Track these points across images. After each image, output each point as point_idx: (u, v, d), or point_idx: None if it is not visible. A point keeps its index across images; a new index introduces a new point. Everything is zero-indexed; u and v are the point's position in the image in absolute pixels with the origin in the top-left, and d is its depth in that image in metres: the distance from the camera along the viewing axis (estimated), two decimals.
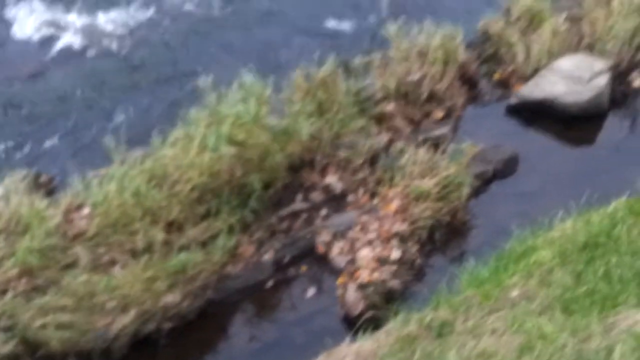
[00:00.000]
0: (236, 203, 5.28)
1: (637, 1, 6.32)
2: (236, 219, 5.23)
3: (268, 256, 5.27)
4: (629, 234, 4.01)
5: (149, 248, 4.99)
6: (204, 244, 5.12)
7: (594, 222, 4.21)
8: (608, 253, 3.95)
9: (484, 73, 6.56)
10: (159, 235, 5.00)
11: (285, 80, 5.78)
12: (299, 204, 5.57)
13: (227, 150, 5.17)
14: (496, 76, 6.52)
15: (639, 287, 3.66)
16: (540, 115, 6.19)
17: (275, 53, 6.90)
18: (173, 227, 5.14)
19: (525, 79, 6.33)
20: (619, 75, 6.36)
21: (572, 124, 6.13)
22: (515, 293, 3.91)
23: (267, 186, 5.40)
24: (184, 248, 5.05)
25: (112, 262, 4.95)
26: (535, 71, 6.33)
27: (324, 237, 5.32)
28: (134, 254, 4.98)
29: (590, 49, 6.37)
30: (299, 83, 5.71)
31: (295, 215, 5.51)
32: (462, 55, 6.32)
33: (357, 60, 6.18)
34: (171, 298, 4.85)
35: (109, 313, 4.71)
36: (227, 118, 5.25)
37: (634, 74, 6.42)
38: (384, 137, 5.94)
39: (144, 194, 5.03)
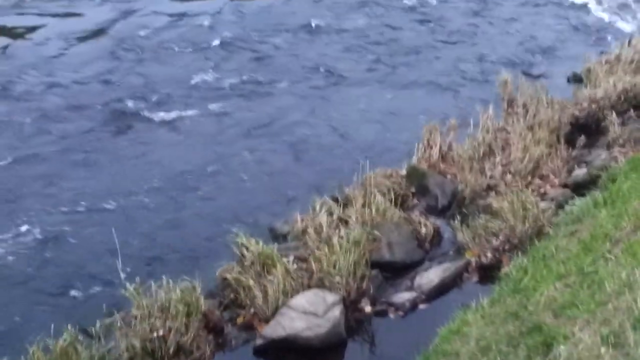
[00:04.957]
0: None
1: (353, 237, 7.02)
2: None
3: None
4: None
5: None
6: None
7: None
8: None
9: (228, 319, 6.74)
10: None
11: (23, 356, 5.51)
12: None
13: None
14: (239, 320, 6.72)
15: None
16: (287, 352, 6.42)
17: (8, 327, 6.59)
18: None
19: (267, 319, 6.60)
20: (351, 304, 6.87)
21: (317, 356, 6.42)
22: None
23: None
24: None
25: None
26: (275, 310, 6.63)
27: None
28: None
29: (321, 283, 6.86)
30: (37, 357, 5.45)
31: None
32: (204, 304, 6.48)
33: (98, 324, 6.09)
34: None
35: None
36: None
37: (364, 301, 6.98)
38: None
39: None
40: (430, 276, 7.17)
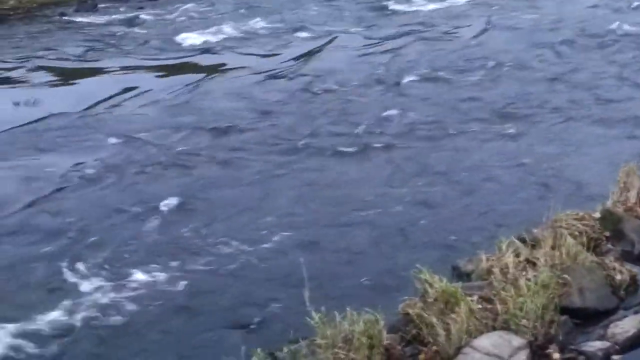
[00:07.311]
0: None
1: (542, 280, 6.75)
2: None
3: None
4: None
5: None
6: None
7: None
8: None
9: (409, 355, 6.67)
10: None
11: None
12: None
13: None
14: (421, 357, 6.61)
15: None
16: None
17: (201, 350, 6.94)
18: None
19: (449, 358, 6.46)
20: (538, 349, 6.58)
21: None
22: None
23: None
24: None
25: None
26: (458, 350, 6.48)
27: None
28: None
29: (507, 326, 6.64)
30: None
31: None
32: (386, 338, 6.47)
33: (285, 350, 6.25)
34: None
35: None
36: None
37: (552, 347, 6.66)
38: None
39: None
40: (626, 326, 6.71)
